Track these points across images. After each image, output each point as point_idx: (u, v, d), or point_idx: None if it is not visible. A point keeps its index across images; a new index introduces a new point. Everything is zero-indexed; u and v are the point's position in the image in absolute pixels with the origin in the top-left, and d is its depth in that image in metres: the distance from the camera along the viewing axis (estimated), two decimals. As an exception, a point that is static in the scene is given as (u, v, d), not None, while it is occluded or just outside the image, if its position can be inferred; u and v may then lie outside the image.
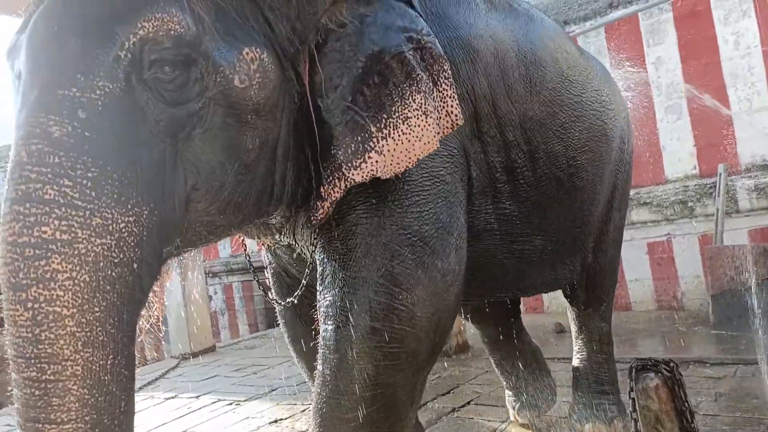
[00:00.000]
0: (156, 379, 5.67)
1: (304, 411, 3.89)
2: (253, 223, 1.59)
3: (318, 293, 1.60)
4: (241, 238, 2.02)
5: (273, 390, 4.53)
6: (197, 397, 4.81)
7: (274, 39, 1.43)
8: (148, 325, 1.47)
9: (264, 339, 6.28)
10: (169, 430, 3.97)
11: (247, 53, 1.35)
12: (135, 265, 1.19)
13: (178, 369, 6.18)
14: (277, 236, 1.78)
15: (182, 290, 6.79)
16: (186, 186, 1.30)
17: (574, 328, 2.94)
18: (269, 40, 1.42)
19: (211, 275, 7.73)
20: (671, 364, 2.24)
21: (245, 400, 4.47)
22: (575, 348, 2.92)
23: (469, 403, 3.34)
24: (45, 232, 1.10)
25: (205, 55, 1.29)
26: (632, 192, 5.86)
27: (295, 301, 1.88)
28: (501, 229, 1.99)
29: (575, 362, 2.91)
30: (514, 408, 3.10)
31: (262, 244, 1.93)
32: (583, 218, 2.43)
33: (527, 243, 2.10)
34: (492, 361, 3.14)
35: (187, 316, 6.86)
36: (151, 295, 1.33)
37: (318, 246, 1.63)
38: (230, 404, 4.46)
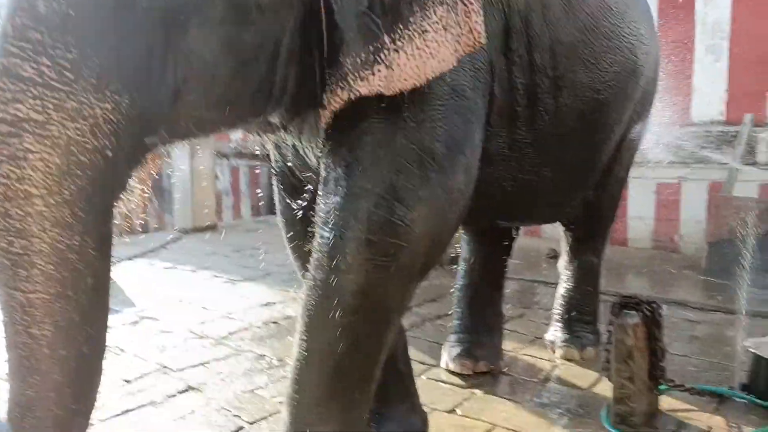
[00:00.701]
0: (156, 248, 5.85)
1: (295, 298, 4.05)
2: (247, 122, 1.55)
3: (319, 197, 1.59)
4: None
5: (268, 274, 4.68)
6: (194, 271, 4.99)
7: None
8: (128, 209, 1.44)
9: (265, 224, 6.40)
10: (165, 296, 4.15)
11: None
12: (109, 153, 1.17)
13: (180, 242, 6.36)
14: (281, 134, 1.74)
15: (190, 166, 6.85)
16: (176, 77, 1.26)
17: (565, 257, 2.99)
18: None
19: (219, 156, 7.76)
20: (653, 305, 2.31)
21: (241, 280, 4.64)
22: (563, 276, 2.99)
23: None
24: (20, 110, 1.10)
25: None
26: (654, 130, 5.75)
27: (300, 207, 1.87)
28: (512, 155, 1.94)
29: (560, 290, 2.98)
30: (449, 353, 2.75)
31: (267, 140, 1.90)
32: (595, 155, 2.38)
33: (536, 174, 2.06)
34: (458, 284, 2.92)
35: (192, 192, 6.98)
36: (133, 180, 1.34)
37: (325, 150, 1.59)
38: (226, 282, 4.63)
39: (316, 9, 1.40)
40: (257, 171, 8.41)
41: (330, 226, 1.52)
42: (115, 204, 1.28)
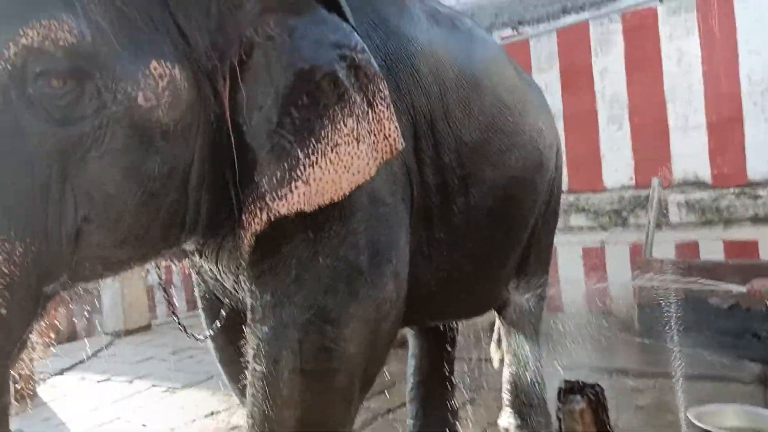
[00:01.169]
0: (88, 358, 5.55)
1: (239, 404, 3.92)
2: (160, 255, 1.47)
3: (247, 326, 1.53)
4: None
5: (210, 378, 4.51)
6: (131, 381, 4.75)
7: (189, 52, 1.28)
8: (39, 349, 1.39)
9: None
10: (101, 416, 3.93)
11: (155, 67, 1.21)
12: (3, 311, 1.08)
13: (112, 348, 6.07)
14: (195, 260, 1.66)
15: (119, 266, 6.60)
16: (76, 217, 1.16)
17: (504, 343, 3.04)
18: (183, 53, 1.28)
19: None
20: (596, 388, 2.39)
21: (181, 388, 4.45)
22: (506, 359, 3.04)
23: (404, 404, 3.43)
24: None
25: (102, 67, 1.15)
26: (571, 197, 6.08)
27: (219, 329, 1.81)
28: (431, 254, 1.93)
29: (506, 374, 3.03)
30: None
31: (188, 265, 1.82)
32: (511, 246, 2.42)
33: (456, 270, 2.05)
34: (410, 382, 2.97)
35: (122, 291, 6.72)
36: (33, 335, 1.24)
37: (248, 276, 1.53)
38: (166, 390, 4.43)
39: (225, 131, 1.34)
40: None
41: (262, 358, 1.48)
42: (12, 368, 1.19)
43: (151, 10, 1.24)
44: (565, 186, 6.20)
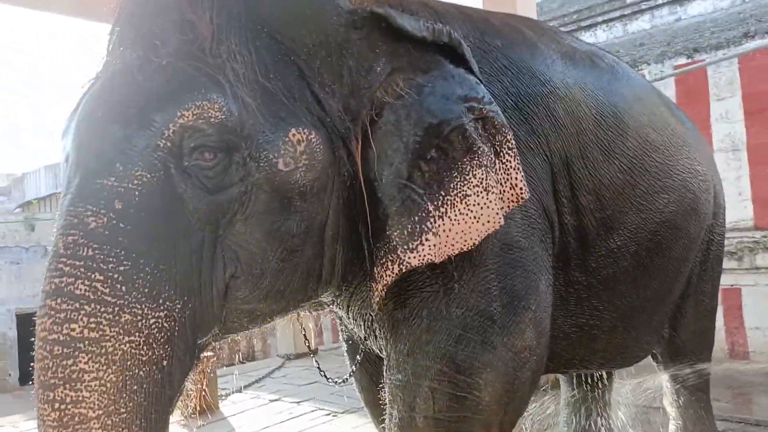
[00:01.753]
0: (262, 378, 6.05)
1: None
2: (299, 307, 1.53)
3: (384, 372, 1.58)
4: None
5: (369, 405, 4.69)
6: (299, 402, 5.10)
7: (324, 117, 1.37)
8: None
9: (364, 348, 6.48)
10: (271, 433, 4.24)
11: (294, 134, 1.30)
12: (165, 363, 1.16)
13: (283, 369, 6.53)
14: (327, 308, 1.74)
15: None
16: (225, 275, 1.26)
17: (667, 394, 2.77)
18: (318, 118, 1.36)
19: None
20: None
21: (342, 413, 4.67)
22: (671, 415, 2.77)
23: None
24: (73, 330, 1.09)
25: (248, 138, 1.25)
26: (758, 235, 5.50)
27: (361, 370, 1.87)
28: (568, 298, 1.85)
29: (671, 428, 2.79)
30: None
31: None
32: (660, 295, 2.22)
33: (595, 317, 1.95)
34: (563, 427, 2.86)
35: (291, 317, 7.19)
36: (188, 384, 1.32)
37: (383, 326, 1.58)
38: (328, 414, 4.69)
39: (357, 187, 1.40)
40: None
41: (397, 405, 1.53)
42: (171, 412, 1.26)
43: (289, 82, 1.34)
44: (750, 222, 5.66)
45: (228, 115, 1.23)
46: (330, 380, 2.02)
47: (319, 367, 2.05)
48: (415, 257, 1.36)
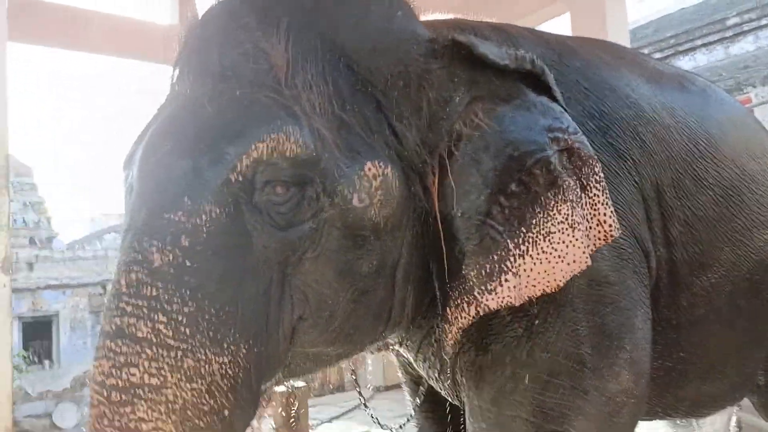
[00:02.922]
0: (353, 409, 6.07)
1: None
2: (365, 350, 1.47)
3: (468, 422, 1.52)
4: None
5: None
6: (388, 435, 5.07)
7: (401, 150, 1.30)
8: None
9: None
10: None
11: (369, 168, 1.22)
12: (226, 413, 1.09)
13: (372, 401, 6.54)
14: (394, 349, 1.66)
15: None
16: (292, 316, 1.19)
17: None
18: (395, 152, 1.29)
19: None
20: None
21: None
22: None
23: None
24: (134, 375, 1.03)
25: (322, 173, 1.19)
26: None
27: (421, 413, 1.79)
28: (658, 339, 1.69)
29: None
30: None
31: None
32: (757, 342, 2.01)
33: (685, 362, 1.80)
34: None
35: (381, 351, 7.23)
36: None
37: (463, 371, 1.50)
38: None
39: (431, 224, 1.33)
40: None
41: None
42: None
43: (366, 114, 1.27)
44: None
45: (303, 148, 1.16)
46: (385, 427, 1.94)
47: (372, 415, 2.00)
48: (493, 299, 1.26)
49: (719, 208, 1.77)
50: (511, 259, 1.26)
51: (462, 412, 1.60)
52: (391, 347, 1.66)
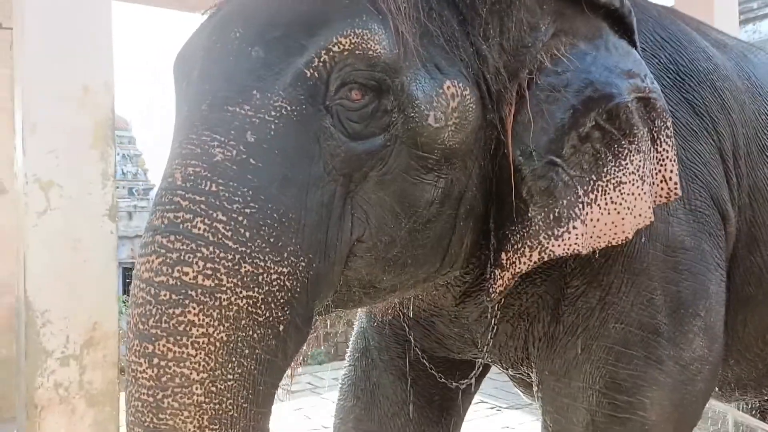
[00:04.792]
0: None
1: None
2: (417, 288, 1.35)
3: (539, 397, 1.51)
4: None
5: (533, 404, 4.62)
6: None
7: (481, 73, 1.20)
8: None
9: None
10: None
11: (449, 87, 1.13)
12: (281, 327, 1.00)
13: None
14: (438, 302, 1.53)
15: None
16: (351, 236, 1.09)
17: None
18: (475, 74, 1.20)
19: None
20: None
21: (506, 408, 4.64)
22: None
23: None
24: (186, 274, 0.94)
25: (400, 83, 1.09)
26: None
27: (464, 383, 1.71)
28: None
29: None
30: None
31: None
32: None
33: (737, 336, 1.71)
34: None
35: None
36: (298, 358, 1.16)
37: (535, 341, 1.48)
38: (492, 408, 4.67)
39: (499, 160, 1.24)
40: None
41: (554, 427, 1.46)
42: (279, 387, 1.08)
43: (451, 27, 1.19)
44: None
45: (386, 50, 1.07)
46: None
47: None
48: (559, 246, 1.20)
49: None
50: (579, 206, 1.21)
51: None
52: (430, 290, 1.48)
